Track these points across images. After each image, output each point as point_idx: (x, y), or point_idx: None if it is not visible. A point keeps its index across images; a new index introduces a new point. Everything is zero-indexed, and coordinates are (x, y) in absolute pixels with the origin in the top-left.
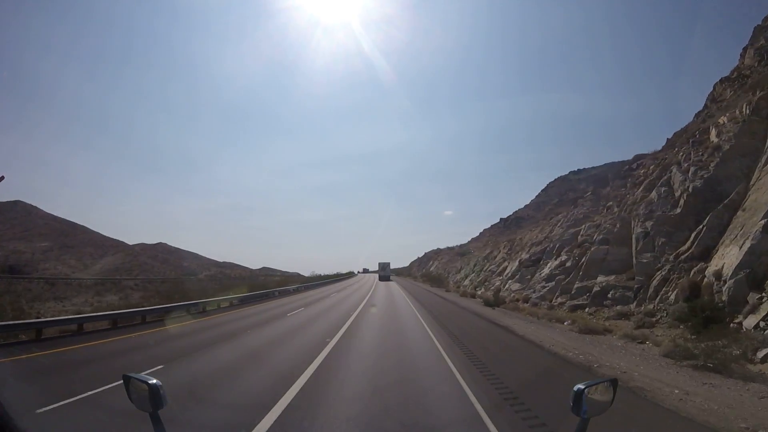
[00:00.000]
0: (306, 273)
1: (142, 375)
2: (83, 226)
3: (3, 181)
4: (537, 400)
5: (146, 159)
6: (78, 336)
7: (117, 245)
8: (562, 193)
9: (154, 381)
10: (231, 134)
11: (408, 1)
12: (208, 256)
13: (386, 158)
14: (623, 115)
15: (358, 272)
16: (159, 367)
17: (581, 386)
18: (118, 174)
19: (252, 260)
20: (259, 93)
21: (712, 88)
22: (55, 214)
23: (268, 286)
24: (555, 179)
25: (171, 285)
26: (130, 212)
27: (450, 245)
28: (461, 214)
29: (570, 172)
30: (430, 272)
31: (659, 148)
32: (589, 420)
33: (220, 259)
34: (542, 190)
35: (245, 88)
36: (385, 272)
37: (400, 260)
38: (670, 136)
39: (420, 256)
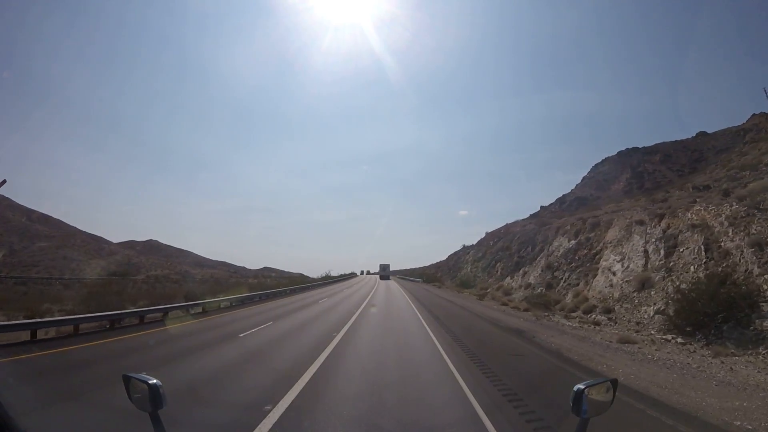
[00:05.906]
0: (309, 273)
1: (142, 375)
2: (58, 220)
3: (5, 184)
4: None
5: (155, 160)
6: None
7: (62, 236)
8: (635, 165)
9: (154, 381)
10: (241, 135)
11: (417, 0)
12: (205, 255)
13: (397, 158)
14: (636, 112)
15: (362, 273)
16: None
17: (581, 386)
18: (125, 175)
19: (255, 260)
20: (268, 94)
21: None
22: (46, 213)
23: (241, 290)
24: (602, 160)
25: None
26: (134, 211)
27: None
28: (477, 213)
29: (618, 153)
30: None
31: None
32: (589, 420)
33: (216, 258)
34: (590, 170)
35: (255, 89)
36: (385, 273)
37: (413, 261)
38: None
39: (456, 250)
